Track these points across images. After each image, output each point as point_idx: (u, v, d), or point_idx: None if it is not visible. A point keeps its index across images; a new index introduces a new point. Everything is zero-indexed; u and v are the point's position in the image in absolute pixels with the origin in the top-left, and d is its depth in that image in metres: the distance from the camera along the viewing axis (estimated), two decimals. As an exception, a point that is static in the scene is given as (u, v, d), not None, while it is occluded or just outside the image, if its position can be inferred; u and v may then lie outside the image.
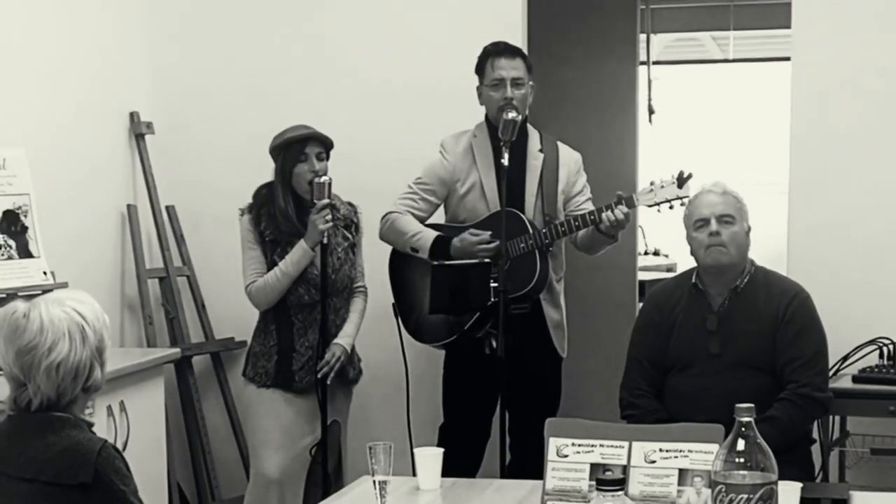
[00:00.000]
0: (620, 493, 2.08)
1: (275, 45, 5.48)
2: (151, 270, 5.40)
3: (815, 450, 4.46)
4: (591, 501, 2.16)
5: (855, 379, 4.62)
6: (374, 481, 2.93)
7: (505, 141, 4.35)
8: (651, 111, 9.17)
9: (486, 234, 4.48)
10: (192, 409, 5.40)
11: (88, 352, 2.90)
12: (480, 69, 4.63)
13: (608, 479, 2.09)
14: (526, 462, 4.57)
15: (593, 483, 2.68)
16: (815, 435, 4.46)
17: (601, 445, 2.75)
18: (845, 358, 4.72)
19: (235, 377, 5.47)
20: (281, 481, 4.57)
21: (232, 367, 5.51)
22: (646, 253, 9.39)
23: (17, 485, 2.84)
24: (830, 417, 4.63)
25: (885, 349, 4.72)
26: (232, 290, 5.28)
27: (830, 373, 4.41)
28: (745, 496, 2.18)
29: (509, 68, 4.57)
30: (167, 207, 5.48)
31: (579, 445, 2.76)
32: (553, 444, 2.79)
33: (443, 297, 4.41)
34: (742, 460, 2.21)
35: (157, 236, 5.43)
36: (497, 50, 4.61)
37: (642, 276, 7.69)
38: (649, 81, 9.09)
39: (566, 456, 2.77)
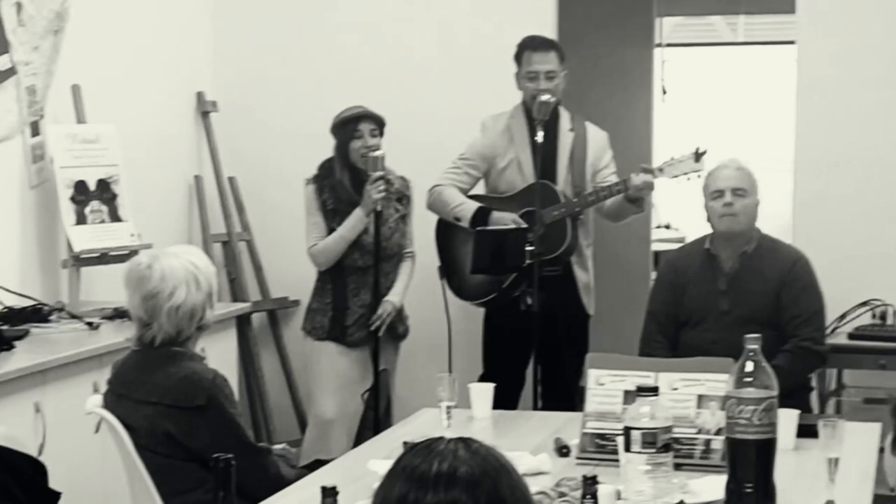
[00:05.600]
0: (656, 397, 2.64)
1: (330, 30, 5.99)
2: (215, 235, 5.95)
3: (814, 399, 4.99)
4: (633, 404, 2.69)
5: (850, 336, 5.16)
6: (442, 406, 3.46)
7: (539, 120, 4.87)
8: (664, 91, 9.68)
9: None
10: (251, 361, 5.95)
11: (202, 296, 3.44)
12: (518, 59, 5.11)
13: (646, 385, 2.65)
14: (556, 408, 5.09)
15: (626, 406, 3.24)
16: (814, 384, 4.99)
17: (633, 375, 3.29)
18: (842, 317, 5.25)
19: (289, 333, 6.04)
20: (336, 423, 5.09)
21: (287, 323, 6.07)
22: (658, 227, 9.90)
23: (143, 407, 3.38)
24: (828, 371, 5.18)
25: (876, 310, 5.26)
26: (287, 253, 5.85)
27: (828, 330, 4.90)
28: (752, 407, 2.72)
29: (543, 62, 5.05)
30: (229, 178, 6.02)
31: (614, 375, 3.31)
32: (593, 374, 3.34)
33: (484, 258, 4.95)
34: (750, 379, 2.75)
35: (221, 205, 5.97)
36: (533, 44, 5.09)
37: (656, 247, 8.26)
38: (662, 63, 9.58)
39: (603, 384, 3.32)
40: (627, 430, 2.63)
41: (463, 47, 5.84)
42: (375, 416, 5.06)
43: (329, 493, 2.29)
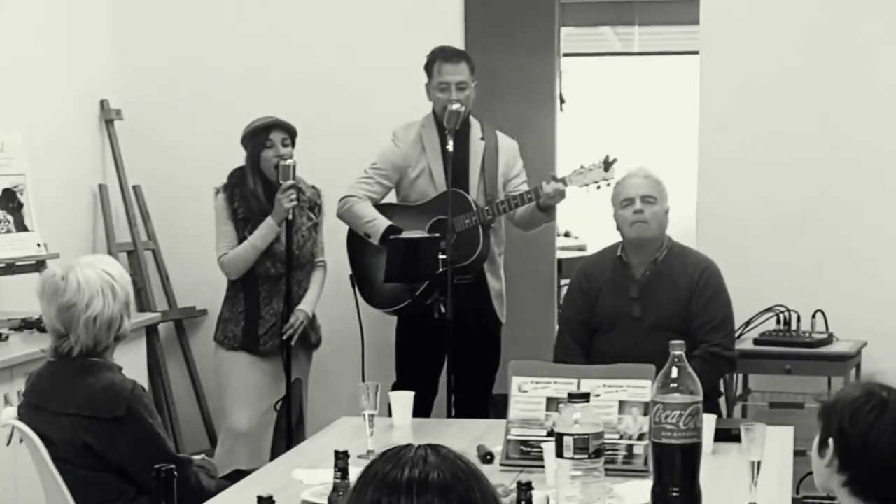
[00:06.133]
0: (587, 404, 2.66)
1: (236, 39, 5.95)
2: (121, 244, 5.87)
3: (723, 403, 5.07)
4: (563, 411, 2.71)
5: (756, 341, 5.26)
6: (365, 415, 3.46)
7: (449, 130, 4.88)
8: (562, 100, 9.76)
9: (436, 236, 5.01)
10: (159, 371, 5.88)
11: (119, 306, 3.40)
12: (429, 70, 5.12)
13: (577, 392, 2.67)
14: (469, 416, 5.09)
15: (549, 413, 3.27)
16: (721, 388, 5.07)
17: (555, 382, 3.32)
18: (748, 323, 5.35)
19: (197, 343, 5.98)
20: (249, 434, 5.05)
21: (194, 333, 6.01)
22: (558, 235, 9.99)
23: (61, 419, 3.33)
24: (735, 375, 5.27)
25: (781, 316, 5.36)
26: (194, 262, 5.79)
27: (735, 335, 5.02)
28: (678, 412, 2.77)
29: (454, 73, 5.07)
30: (134, 187, 5.95)
31: (537, 382, 3.34)
32: (515, 381, 3.36)
33: (396, 267, 4.95)
34: (675, 385, 2.79)
35: (126, 213, 5.90)
36: (444, 55, 5.10)
37: (557, 255, 8.35)
38: (560, 72, 9.68)
39: (526, 391, 3.35)
40: (560, 436, 2.65)
41: (371, 57, 5.84)
42: (288, 425, 5.03)
43: (265, 503, 2.28)
